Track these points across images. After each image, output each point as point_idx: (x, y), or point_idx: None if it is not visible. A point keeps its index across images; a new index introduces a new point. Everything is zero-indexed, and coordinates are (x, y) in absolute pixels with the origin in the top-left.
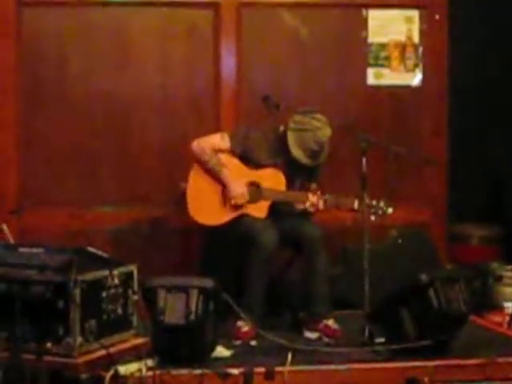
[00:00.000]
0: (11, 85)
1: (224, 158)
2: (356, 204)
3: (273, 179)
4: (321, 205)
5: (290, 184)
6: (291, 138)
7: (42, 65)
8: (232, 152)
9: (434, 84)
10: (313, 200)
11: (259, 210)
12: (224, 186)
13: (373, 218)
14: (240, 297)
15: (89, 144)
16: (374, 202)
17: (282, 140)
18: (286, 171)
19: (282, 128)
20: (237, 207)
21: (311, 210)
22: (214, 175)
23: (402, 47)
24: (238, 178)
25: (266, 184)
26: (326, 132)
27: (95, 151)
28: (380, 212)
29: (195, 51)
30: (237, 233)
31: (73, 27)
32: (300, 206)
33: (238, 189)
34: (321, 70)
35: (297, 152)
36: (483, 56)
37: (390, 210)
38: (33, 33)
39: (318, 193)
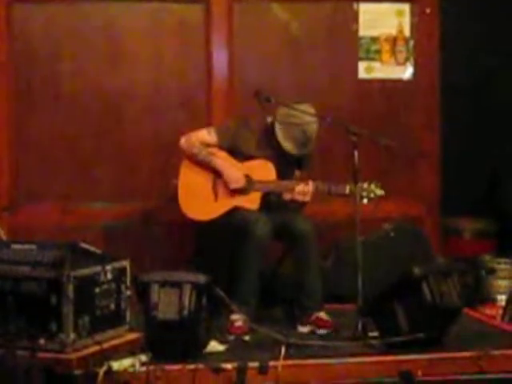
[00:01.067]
0: (3, 82)
1: (213, 150)
2: (347, 189)
3: (263, 170)
4: (310, 192)
5: (280, 175)
6: (279, 131)
7: (34, 62)
8: (220, 146)
9: (426, 77)
10: (304, 189)
11: (251, 202)
12: (215, 180)
13: (365, 201)
14: (233, 289)
15: (81, 140)
16: (365, 185)
17: (270, 132)
18: (275, 162)
19: (269, 119)
20: (232, 195)
21: (300, 198)
22: (206, 166)
23: (393, 41)
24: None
25: (256, 175)
26: (312, 125)
27: (88, 147)
28: (372, 195)
29: (187, 46)
30: (230, 226)
31: (64, 24)
32: (287, 196)
33: (234, 173)
34: (312, 63)
35: (285, 143)
36: (475, 49)
37: (382, 192)
38: (24, 30)
39: (309, 181)
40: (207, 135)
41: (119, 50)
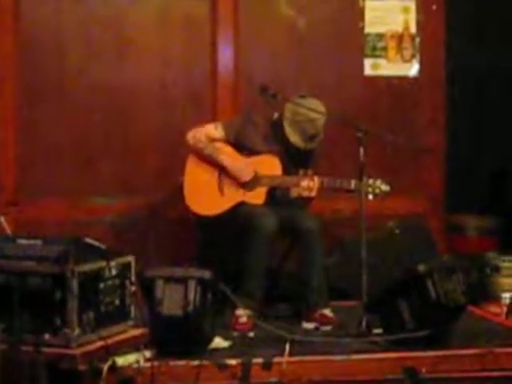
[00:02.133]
0: (9, 77)
1: (219, 145)
2: (353, 184)
3: (268, 165)
4: (316, 187)
5: (285, 171)
6: (286, 125)
7: (41, 57)
8: (226, 141)
9: (432, 74)
10: (309, 184)
11: (257, 197)
12: (221, 175)
13: (370, 197)
14: (239, 283)
15: (87, 135)
16: (371, 181)
17: (277, 127)
18: (281, 157)
19: (276, 116)
20: (234, 195)
21: (306, 193)
22: (212, 161)
23: (399, 38)
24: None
25: (261, 170)
26: (320, 119)
27: (94, 142)
28: (377, 191)
29: (193, 42)
30: (236, 221)
31: (71, 19)
32: (295, 193)
33: (241, 166)
34: (318, 60)
35: (293, 137)
36: (481, 45)
37: (388, 188)
38: (31, 25)
39: (314, 177)
40: (214, 130)
41: (126, 45)
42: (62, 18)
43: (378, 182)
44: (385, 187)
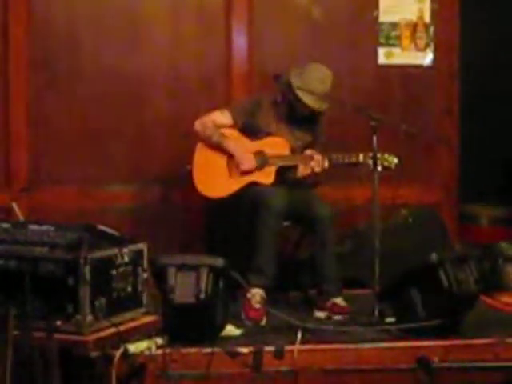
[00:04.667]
0: (22, 64)
1: (226, 131)
2: (361, 157)
3: (276, 146)
4: (326, 164)
5: (292, 151)
6: (299, 93)
7: (54, 43)
8: (234, 125)
9: (445, 63)
10: (318, 158)
11: (266, 176)
12: (229, 158)
13: (380, 168)
14: (251, 261)
15: (100, 122)
16: (379, 155)
17: (281, 108)
18: (288, 138)
19: (279, 98)
20: (244, 175)
21: (317, 169)
22: (219, 148)
23: (413, 27)
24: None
25: (270, 151)
26: (329, 77)
27: (106, 129)
28: (386, 163)
29: (206, 31)
30: (246, 201)
31: (84, 7)
32: (304, 171)
33: (245, 154)
34: (332, 49)
35: (307, 99)
36: (494, 35)
37: (396, 160)
38: (43, 13)
39: (322, 154)
40: (221, 115)
41: (139, 34)
42: (74, 6)
43: (386, 155)
44: (393, 159)
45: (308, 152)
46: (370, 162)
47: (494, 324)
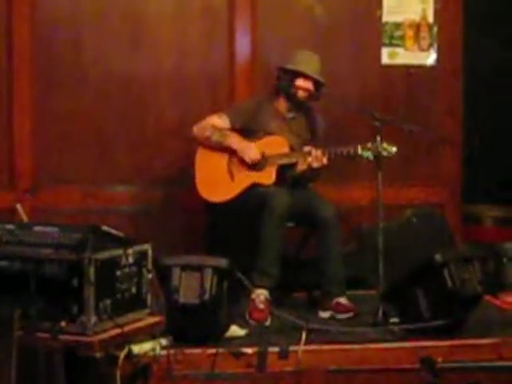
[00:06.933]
0: (26, 66)
1: (225, 131)
2: (359, 149)
3: (275, 145)
4: (325, 159)
5: (292, 149)
6: (290, 62)
7: (57, 46)
8: (232, 128)
9: (449, 63)
10: (316, 154)
11: (267, 177)
12: (230, 160)
13: (385, 153)
14: (254, 262)
15: (104, 123)
16: (378, 144)
17: (280, 104)
18: (287, 136)
19: (276, 94)
20: (250, 170)
21: (315, 164)
22: (220, 149)
23: (417, 27)
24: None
25: (269, 151)
26: (314, 56)
27: (110, 131)
28: (385, 153)
29: (210, 31)
30: (250, 202)
31: (87, 7)
32: (303, 166)
33: (249, 145)
34: (335, 48)
35: (301, 66)
36: (498, 35)
37: (394, 149)
38: (47, 13)
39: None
40: (218, 119)
41: (143, 34)
42: (78, 6)
43: (385, 144)
44: (392, 148)
45: (306, 148)
46: (369, 153)
47: (499, 324)
